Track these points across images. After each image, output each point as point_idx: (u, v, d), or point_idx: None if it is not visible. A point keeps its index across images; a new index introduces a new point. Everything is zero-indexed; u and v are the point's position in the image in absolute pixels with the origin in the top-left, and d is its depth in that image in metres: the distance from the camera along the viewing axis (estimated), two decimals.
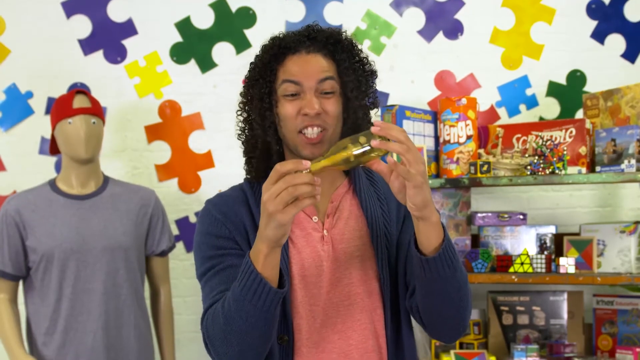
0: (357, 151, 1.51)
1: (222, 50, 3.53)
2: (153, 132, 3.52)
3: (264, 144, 1.77)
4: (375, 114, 1.86)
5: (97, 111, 2.94)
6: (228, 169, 3.46)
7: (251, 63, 1.81)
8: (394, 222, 1.80)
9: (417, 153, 1.49)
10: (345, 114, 1.75)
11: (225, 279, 1.68)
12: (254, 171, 1.80)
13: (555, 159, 2.93)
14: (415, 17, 3.52)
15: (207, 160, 3.53)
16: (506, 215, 3.15)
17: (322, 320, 1.72)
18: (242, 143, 1.84)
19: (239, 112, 1.83)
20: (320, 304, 1.72)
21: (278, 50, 1.75)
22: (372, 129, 1.49)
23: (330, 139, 1.71)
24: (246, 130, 1.82)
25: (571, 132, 3.00)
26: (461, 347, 3.11)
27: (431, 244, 1.58)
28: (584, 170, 2.97)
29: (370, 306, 1.75)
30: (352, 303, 1.74)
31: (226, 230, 1.74)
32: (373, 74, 1.84)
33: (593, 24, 3.46)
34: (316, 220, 1.77)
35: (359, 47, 1.83)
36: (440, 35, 3.52)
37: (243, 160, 1.85)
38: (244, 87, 1.82)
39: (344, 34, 1.82)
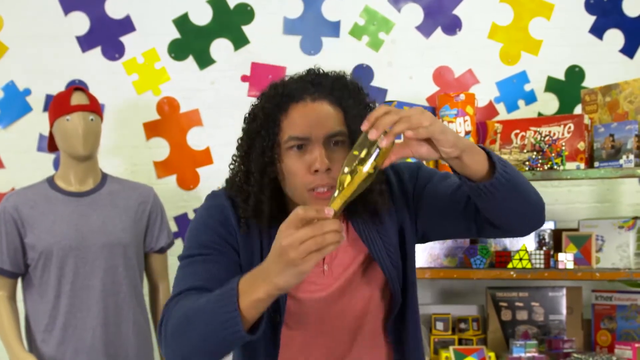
0: (368, 165, 1.43)
1: (220, 47, 3.53)
2: (151, 129, 3.52)
3: (258, 200, 1.67)
4: None
5: (95, 108, 2.93)
6: (226, 166, 3.45)
7: (249, 113, 1.71)
8: (392, 237, 1.74)
9: (414, 110, 1.43)
10: None
11: (202, 272, 1.62)
12: (248, 208, 1.69)
13: (553, 154, 2.93)
14: (414, 12, 3.52)
15: (205, 157, 3.53)
16: None
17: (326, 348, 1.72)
18: (236, 183, 1.73)
19: (235, 158, 1.74)
20: (325, 337, 1.72)
21: (281, 99, 1.65)
22: (369, 134, 1.41)
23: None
24: (241, 179, 1.71)
25: (570, 127, 3.00)
26: (460, 343, 3.11)
27: (481, 168, 1.52)
28: (582, 165, 2.96)
29: (377, 319, 1.75)
30: (360, 325, 1.73)
31: (230, 236, 1.68)
32: None
33: (592, 19, 3.46)
34: None
35: (364, 91, 1.73)
36: (439, 30, 3.51)
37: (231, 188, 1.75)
38: (243, 134, 1.72)
39: (349, 77, 1.72)
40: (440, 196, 1.71)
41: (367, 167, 1.43)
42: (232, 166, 1.75)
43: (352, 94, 1.68)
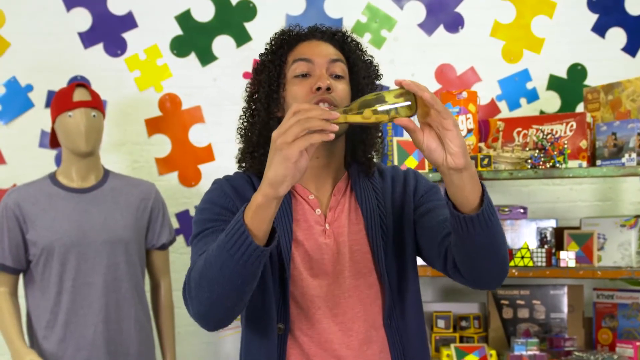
0: (385, 108, 1.48)
1: (222, 44, 3.53)
2: (153, 126, 3.52)
3: (265, 131, 1.74)
4: None
5: (97, 104, 2.93)
6: (228, 162, 3.44)
7: (260, 54, 1.81)
8: (390, 215, 1.79)
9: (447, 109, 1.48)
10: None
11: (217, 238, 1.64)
12: (256, 164, 1.77)
13: (555, 152, 2.93)
14: (416, 10, 3.52)
15: (207, 154, 3.53)
16: (507, 209, 3.15)
17: (323, 311, 1.72)
18: (242, 136, 1.81)
19: (244, 110, 1.82)
20: (321, 295, 1.73)
21: (289, 37, 1.78)
22: (404, 84, 1.46)
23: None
24: (248, 120, 1.80)
25: (572, 125, 3.00)
26: (461, 341, 3.11)
27: (472, 198, 1.52)
28: (584, 164, 2.96)
29: (371, 298, 1.75)
30: (352, 295, 1.74)
31: (234, 206, 1.72)
32: (378, 74, 1.87)
33: (594, 17, 3.46)
34: (319, 213, 1.76)
35: (366, 48, 1.86)
36: (441, 28, 3.51)
37: (239, 156, 1.83)
38: (252, 76, 1.81)
39: (350, 34, 1.85)
40: (433, 217, 1.75)
41: (382, 109, 1.47)
42: (241, 116, 1.82)
43: (354, 45, 1.82)
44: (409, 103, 1.48)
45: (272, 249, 1.51)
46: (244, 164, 1.81)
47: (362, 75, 1.80)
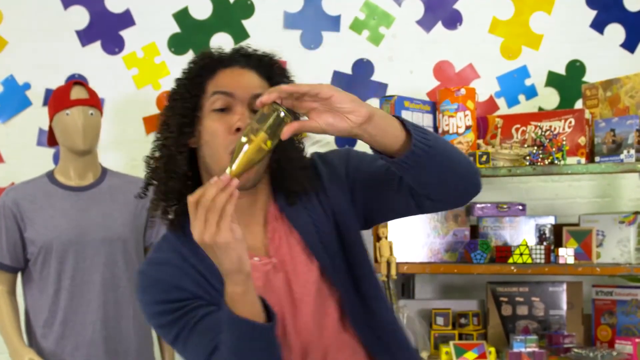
0: (261, 133, 1.37)
1: (220, 41, 3.52)
2: (151, 124, 3.51)
3: (172, 165, 1.60)
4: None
5: (94, 102, 2.93)
6: None
7: (176, 79, 1.66)
8: (323, 217, 1.67)
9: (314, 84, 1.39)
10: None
11: (207, 328, 1.52)
12: (168, 207, 1.63)
13: (554, 149, 2.93)
14: (414, 7, 3.51)
15: None
16: (505, 206, 3.15)
17: (302, 342, 1.63)
18: (149, 167, 1.66)
19: (156, 137, 1.65)
20: (292, 331, 1.63)
21: (209, 62, 1.62)
22: (262, 103, 1.37)
23: (261, 163, 1.51)
24: (158, 148, 1.64)
25: (570, 122, 2.99)
26: (460, 338, 3.11)
27: (398, 135, 1.44)
28: (583, 160, 2.96)
29: (331, 308, 1.66)
30: (319, 322, 1.65)
31: (185, 293, 1.57)
32: None
33: (592, 13, 3.45)
34: (258, 260, 1.62)
35: (291, 74, 1.69)
36: (439, 25, 3.50)
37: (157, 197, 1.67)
38: (167, 101, 1.65)
39: (278, 58, 1.68)
40: (375, 176, 1.65)
41: (261, 133, 1.37)
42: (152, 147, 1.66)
43: (280, 72, 1.65)
44: (279, 112, 1.38)
45: (276, 316, 1.46)
46: (155, 202, 1.66)
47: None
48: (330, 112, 1.39)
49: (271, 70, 1.65)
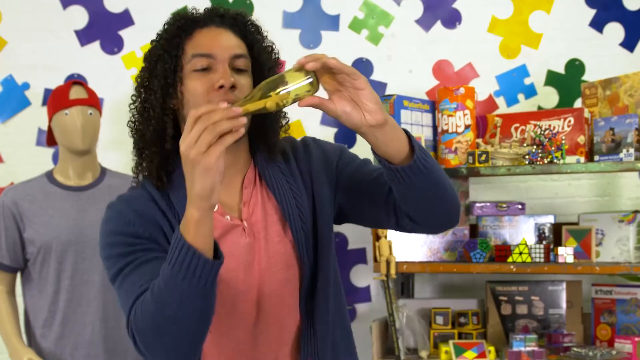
0: (286, 89, 1.40)
1: None
2: None
3: (159, 126, 1.60)
4: None
5: (93, 102, 2.93)
6: None
7: (152, 41, 1.66)
8: (303, 195, 1.69)
9: (356, 70, 1.42)
10: None
11: (149, 271, 1.49)
12: (152, 167, 1.62)
13: (553, 148, 2.93)
14: (413, 6, 3.51)
15: None
16: (504, 205, 3.15)
17: (257, 315, 1.64)
18: (133, 130, 1.65)
19: (133, 99, 1.65)
20: (251, 299, 1.64)
21: (185, 23, 1.64)
22: (303, 64, 1.39)
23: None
24: (140, 113, 1.63)
25: (570, 121, 2.99)
26: (459, 337, 3.11)
27: (402, 148, 1.48)
28: (582, 159, 2.96)
29: (292, 283, 1.67)
30: (284, 290, 1.66)
31: (144, 230, 1.57)
32: (279, 61, 1.73)
33: (592, 12, 3.45)
34: (229, 219, 1.64)
35: (266, 32, 1.72)
36: (439, 24, 3.50)
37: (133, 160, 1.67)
38: (142, 67, 1.65)
39: (252, 16, 1.72)
40: (364, 177, 1.67)
41: (283, 92, 1.40)
42: (131, 106, 1.65)
43: (255, 30, 1.68)
44: (310, 80, 1.41)
45: (222, 262, 1.42)
46: (138, 162, 1.65)
47: (266, 67, 1.67)
48: (350, 102, 1.43)
49: (245, 28, 1.67)
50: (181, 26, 1.63)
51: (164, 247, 1.56)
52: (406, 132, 1.51)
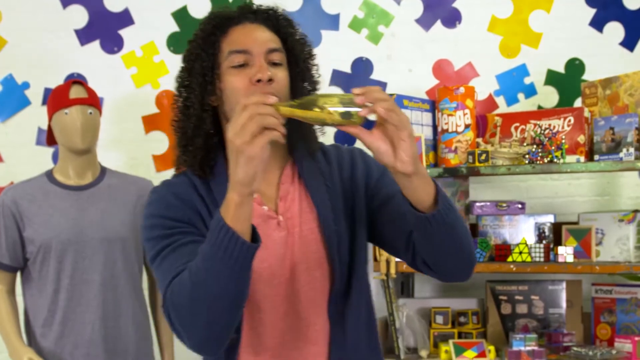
0: (336, 110, 1.43)
1: None
2: (150, 123, 3.51)
3: (200, 122, 1.66)
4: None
5: (93, 101, 2.93)
6: None
7: (189, 41, 1.72)
8: (340, 200, 1.72)
9: (398, 107, 1.46)
10: (294, 88, 1.69)
11: (187, 253, 1.54)
12: (195, 162, 1.69)
13: (553, 147, 2.93)
14: (413, 5, 3.51)
15: None
16: (504, 205, 3.15)
17: (286, 309, 1.67)
18: (176, 128, 1.72)
19: (175, 99, 1.71)
20: (281, 293, 1.67)
21: (220, 21, 1.69)
22: (356, 98, 1.42)
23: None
24: (182, 112, 1.70)
25: (570, 120, 2.99)
26: (460, 337, 3.11)
27: (426, 199, 1.51)
28: (582, 159, 2.96)
29: (322, 284, 1.69)
30: (313, 288, 1.68)
31: (184, 215, 1.63)
32: (312, 53, 1.78)
33: (592, 11, 3.45)
34: (266, 209, 1.68)
35: (295, 22, 1.78)
36: (438, 23, 3.50)
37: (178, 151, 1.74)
38: (181, 67, 1.71)
39: (283, 10, 1.78)
40: (395, 206, 1.68)
41: (335, 111, 1.43)
42: (173, 106, 1.72)
43: (288, 23, 1.74)
44: (359, 110, 1.44)
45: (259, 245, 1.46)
46: (183, 158, 1.72)
47: (301, 59, 1.72)
48: (387, 142, 1.46)
49: (278, 22, 1.73)
50: (216, 25, 1.68)
51: (201, 231, 1.61)
52: (436, 184, 1.53)
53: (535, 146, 2.96)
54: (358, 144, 1.66)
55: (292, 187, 1.72)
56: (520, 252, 2.97)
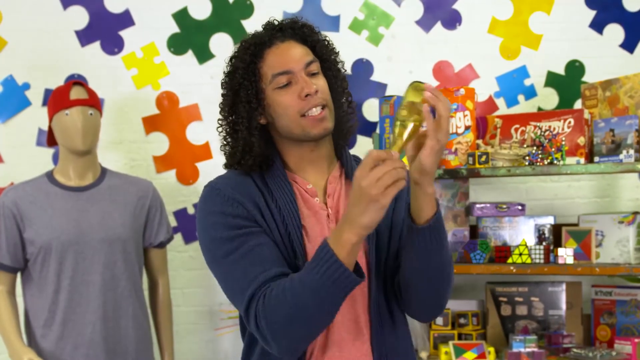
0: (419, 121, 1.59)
1: (219, 41, 3.52)
2: (151, 124, 3.51)
3: (249, 145, 1.79)
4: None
5: (94, 102, 2.93)
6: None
7: (227, 72, 1.84)
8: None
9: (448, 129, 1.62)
10: (331, 86, 1.82)
11: (259, 260, 1.67)
12: (246, 168, 1.81)
13: (553, 149, 2.93)
14: (414, 7, 3.51)
15: (205, 152, 3.52)
16: (504, 206, 3.15)
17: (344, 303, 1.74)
18: (226, 147, 1.85)
19: (220, 123, 1.84)
20: None
21: (255, 49, 1.80)
22: (426, 95, 1.59)
23: (329, 113, 1.77)
24: (231, 135, 1.83)
25: (570, 122, 2.99)
26: (459, 338, 3.11)
27: (423, 215, 1.65)
28: (582, 160, 2.96)
29: (364, 283, 1.76)
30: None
31: (244, 210, 1.73)
32: (336, 49, 1.90)
33: (592, 13, 3.45)
34: (318, 201, 1.80)
35: (317, 28, 1.89)
36: (439, 25, 3.51)
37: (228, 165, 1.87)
38: (224, 96, 1.84)
39: (304, 19, 1.88)
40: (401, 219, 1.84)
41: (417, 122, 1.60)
42: (219, 129, 1.84)
43: (309, 29, 1.85)
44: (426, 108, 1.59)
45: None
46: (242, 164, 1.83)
47: (331, 61, 1.85)
48: (415, 149, 1.63)
49: (304, 33, 1.84)
50: (253, 53, 1.79)
51: (260, 224, 1.73)
52: (437, 204, 1.67)
53: (535, 148, 2.96)
54: (358, 143, 1.72)
55: (338, 184, 1.84)
56: (520, 254, 2.97)
